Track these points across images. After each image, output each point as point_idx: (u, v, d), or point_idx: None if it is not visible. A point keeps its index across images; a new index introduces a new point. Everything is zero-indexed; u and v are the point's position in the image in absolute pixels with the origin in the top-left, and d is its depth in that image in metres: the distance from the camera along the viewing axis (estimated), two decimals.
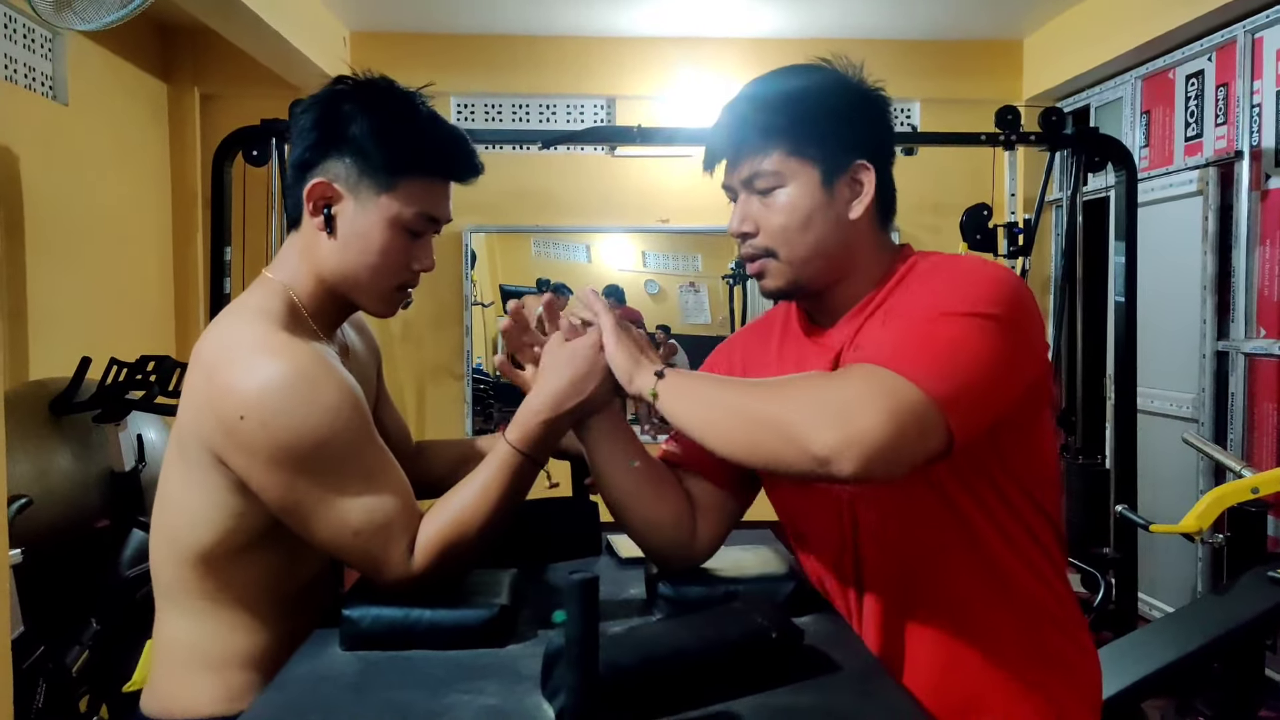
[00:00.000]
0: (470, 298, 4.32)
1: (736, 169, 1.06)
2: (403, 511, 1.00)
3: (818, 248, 1.03)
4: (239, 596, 1.02)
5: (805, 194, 1.02)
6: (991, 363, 0.90)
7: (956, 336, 0.90)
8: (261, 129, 2.95)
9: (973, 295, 0.93)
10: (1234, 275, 3.15)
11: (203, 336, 1.02)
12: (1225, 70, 3.22)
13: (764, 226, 1.04)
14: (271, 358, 0.95)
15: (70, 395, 2.37)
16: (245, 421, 0.93)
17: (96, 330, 3.16)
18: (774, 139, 1.02)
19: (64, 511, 2.28)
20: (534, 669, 0.90)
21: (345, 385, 0.98)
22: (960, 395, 0.87)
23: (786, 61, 1.11)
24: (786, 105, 1.03)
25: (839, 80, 1.06)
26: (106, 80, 3.40)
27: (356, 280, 1.06)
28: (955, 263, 1.03)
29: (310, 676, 0.92)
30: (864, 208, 1.04)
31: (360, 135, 1.03)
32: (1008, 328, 0.92)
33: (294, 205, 1.07)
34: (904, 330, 0.93)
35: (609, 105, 4.23)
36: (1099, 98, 3.98)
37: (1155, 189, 3.51)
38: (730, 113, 1.07)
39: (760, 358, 1.18)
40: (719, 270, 4.96)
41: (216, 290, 2.98)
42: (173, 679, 1.04)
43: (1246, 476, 2.37)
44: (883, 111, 1.08)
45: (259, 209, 3.25)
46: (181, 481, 1.02)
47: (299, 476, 0.95)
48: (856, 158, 1.03)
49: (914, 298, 0.99)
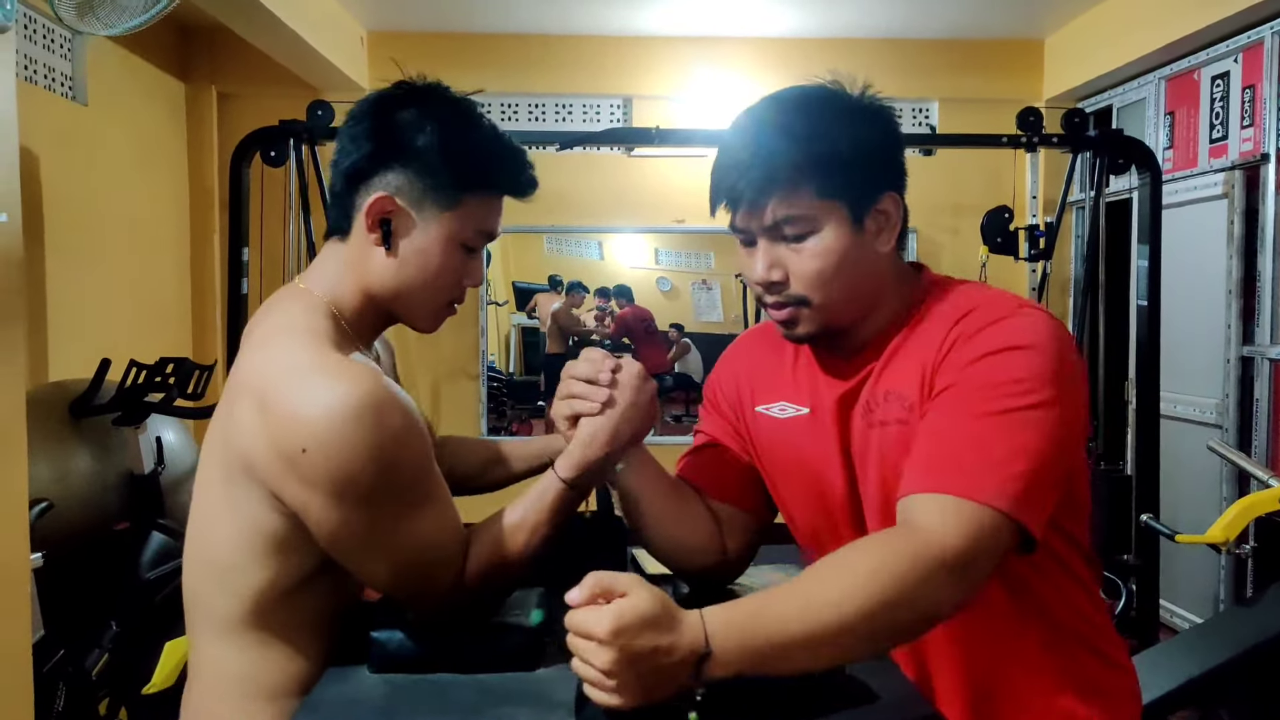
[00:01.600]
0: (485, 297, 4.32)
1: (757, 213, 0.97)
2: (455, 540, 0.98)
3: (852, 290, 0.99)
4: (290, 631, 1.00)
5: (838, 237, 0.96)
6: (1052, 451, 0.88)
7: (1014, 438, 0.87)
8: (280, 129, 2.94)
9: (1019, 375, 0.89)
10: (1259, 279, 3.11)
11: (241, 363, 0.98)
12: (1252, 72, 3.18)
13: (796, 274, 0.97)
14: (333, 383, 0.90)
15: (90, 397, 2.37)
16: (309, 454, 0.88)
17: (114, 331, 3.17)
18: (803, 180, 0.95)
19: (84, 514, 2.29)
20: (566, 695, 0.89)
21: (407, 408, 0.94)
22: (1029, 496, 0.86)
23: (805, 62, 1.08)
24: (812, 142, 0.95)
25: (858, 107, 1.00)
26: (125, 80, 3.40)
27: (410, 298, 1.03)
28: (987, 316, 0.95)
29: (340, 700, 0.91)
30: (893, 239, 1.00)
31: (427, 149, 0.98)
32: (1060, 404, 0.89)
33: (343, 215, 1.03)
34: (954, 435, 0.89)
35: (625, 105, 4.21)
36: (1121, 98, 3.94)
37: (1179, 191, 3.47)
38: (746, 150, 0.97)
39: (772, 380, 1.12)
40: (732, 268, 4.94)
41: (234, 291, 2.98)
42: (220, 705, 1.01)
43: (1274, 486, 2.34)
44: (899, 132, 1.03)
45: (277, 210, 3.24)
46: (228, 518, 0.97)
47: (358, 509, 0.91)
48: (884, 190, 0.99)
49: (951, 371, 0.93)
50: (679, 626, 0.78)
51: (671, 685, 0.78)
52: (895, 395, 0.98)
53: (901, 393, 0.97)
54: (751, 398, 1.12)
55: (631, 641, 0.76)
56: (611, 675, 0.76)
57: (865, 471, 1.01)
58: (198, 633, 1.03)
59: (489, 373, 4.38)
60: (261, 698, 1.00)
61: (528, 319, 4.87)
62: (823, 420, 1.04)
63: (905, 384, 0.97)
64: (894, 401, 0.98)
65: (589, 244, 4.77)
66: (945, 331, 0.96)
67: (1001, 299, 0.98)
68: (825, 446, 1.03)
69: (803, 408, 1.06)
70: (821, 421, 1.04)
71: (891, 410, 0.98)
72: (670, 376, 4.83)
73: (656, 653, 0.76)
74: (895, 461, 0.96)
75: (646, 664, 0.76)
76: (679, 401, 4.93)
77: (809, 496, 1.06)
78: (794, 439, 1.07)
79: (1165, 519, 2.80)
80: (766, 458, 1.11)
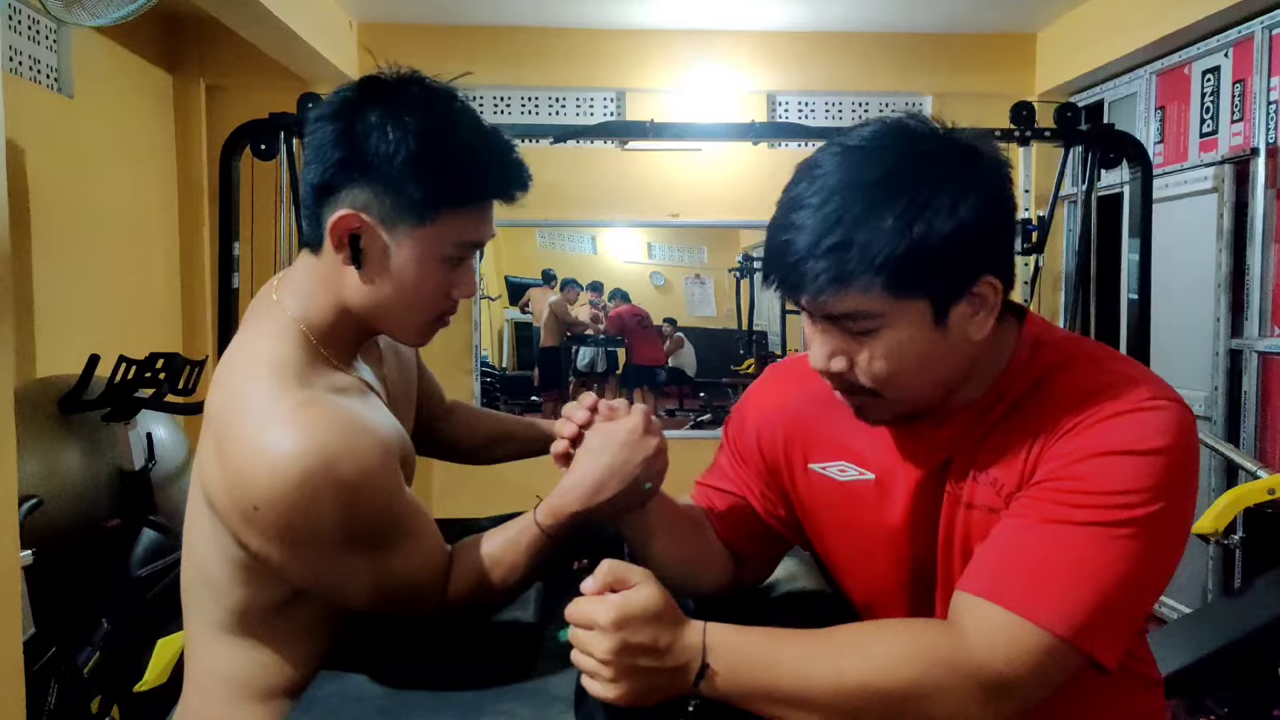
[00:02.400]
0: (479, 292, 4.30)
1: (817, 303, 0.81)
2: (433, 568, 0.95)
3: (932, 381, 0.85)
4: (282, 637, 0.99)
5: (915, 336, 0.81)
6: (1139, 575, 0.77)
7: (1096, 556, 0.75)
8: (270, 122, 2.92)
9: (1126, 486, 0.77)
10: (1248, 273, 3.12)
11: (212, 389, 0.94)
12: (1242, 66, 3.19)
13: (862, 368, 0.83)
14: (283, 434, 0.85)
15: (79, 393, 2.35)
16: (260, 512, 0.85)
17: (103, 327, 3.14)
18: (873, 282, 0.78)
19: (74, 511, 2.27)
20: (565, 689, 0.89)
21: (368, 450, 0.87)
22: (1099, 623, 0.75)
23: (799, 55, 0.95)
24: (894, 230, 0.77)
25: (957, 167, 0.80)
26: (111, 72, 3.37)
27: (390, 316, 0.96)
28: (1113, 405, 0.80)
29: (337, 697, 0.90)
30: (989, 324, 0.84)
31: (393, 163, 0.89)
32: (1166, 523, 0.77)
33: (313, 228, 0.95)
34: (1029, 540, 0.78)
35: (619, 98, 4.20)
36: (1113, 93, 3.94)
37: (1169, 185, 3.48)
38: (812, 227, 0.79)
39: (823, 430, 0.99)
40: (725, 263, 4.94)
41: (225, 286, 2.96)
42: (215, 705, 1.01)
43: (1263, 477, 2.35)
44: (1004, 195, 0.83)
45: (267, 203, 3.22)
46: (210, 542, 0.96)
47: (323, 557, 0.88)
48: (978, 275, 0.81)
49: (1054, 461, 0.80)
50: (681, 630, 0.77)
51: (665, 688, 0.77)
52: (989, 479, 0.86)
53: (998, 478, 0.86)
54: (803, 455, 1.01)
55: (632, 634, 0.75)
56: (608, 665, 0.75)
57: (950, 551, 0.90)
58: (193, 632, 1.03)
59: (483, 368, 4.37)
60: (255, 698, 0.99)
61: (521, 314, 4.86)
62: (893, 491, 0.93)
63: (1005, 469, 0.85)
64: (987, 485, 0.86)
65: (582, 238, 4.76)
66: (1062, 413, 0.82)
67: (1135, 382, 0.83)
68: (894, 517, 0.93)
69: (867, 472, 0.95)
70: (890, 492, 0.93)
71: (984, 495, 0.87)
72: (664, 371, 4.83)
73: (654, 650, 0.76)
74: None
75: (643, 659, 0.75)
76: (672, 396, 4.93)
77: (868, 563, 0.97)
78: (852, 505, 0.96)
79: None
80: (818, 520, 1.02)
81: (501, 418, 1.46)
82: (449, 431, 1.38)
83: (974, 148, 0.83)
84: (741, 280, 4.90)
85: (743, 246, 4.93)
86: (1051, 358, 0.88)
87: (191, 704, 1.03)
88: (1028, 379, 0.87)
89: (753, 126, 3.14)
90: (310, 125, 0.95)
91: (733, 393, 4.97)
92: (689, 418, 4.82)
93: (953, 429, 0.89)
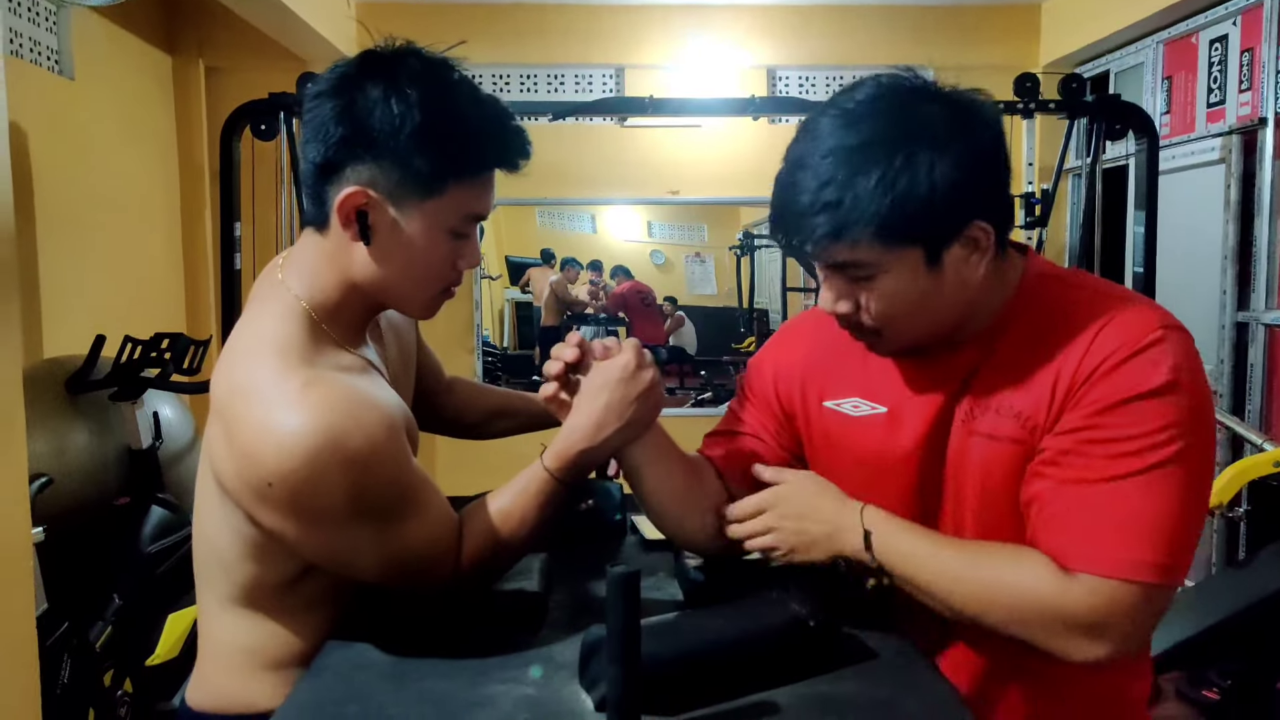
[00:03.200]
0: (480, 271, 4.30)
1: (814, 253, 0.90)
2: (444, 537, 0.96)
3: (932, 320, 0.92)
4: (292, 611, 1.00)
5: (910, 280, 0.88)
6: (1196, 501, 0.86)
7: (1162, 500, 0.84)
8: (270, 102, 2.91)
9: (1160, 424, 0.84)
10: (1255, 245, 3.11)
11: (217, 372, 0.94)
12: (1251, 35, 3.16)
13: (866, 308, 0.91)
14: (292, 413, 0.86)
15: (86, 374, 2.37)
16: (273, 489, 0.86)
17: (108, 307, 3.15)
18: (867, 234, 0.86)
19: (83, 489, 2.29)
20: (569, 657, 0.90)
21: (376, 425, 0.89)
22: (1180, 556, 0.85)
23: (799, 30, 0.99)
24: (884, 185, 0.84)
25: (948, 120, 0.86)
26: (111, 54, 3.36)
27: (398, 290, 0.97)
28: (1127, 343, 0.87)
29: (346, 665, 0.91)
30: (984, 263, 0.90)
31: (398, 136, 0.88)
32: (1201, 447, 0.86)
33: (316, 207, 0.95)
34: (1103, 502, 0.85)
35: (618, 75, 4.17)
36: (1119, 63, 3.91)
37: (1176, 157, 3.46)
38: (810, 185, 0.87)
39: (837, 371, 1.05)
40: (726, 240, 4.92)
41: (227, 266, 2.96)
42: (227, 675, 1.02)
43: (1268, 450, 2.36)
44: (996, 142, 0.89)
45: (268, 183, 3.22)
46: (221, 520, 0.96)
47: (336, 531, 0.89)
48: (969, 221, 0.88)
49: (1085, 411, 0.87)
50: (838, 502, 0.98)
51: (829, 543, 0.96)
52: (1009, 410, 0.91)
53: (1018, 409, 0.91)
54: (819, 393, 1.07)
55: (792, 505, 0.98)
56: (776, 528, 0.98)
57: (960, 480, 0.96)
58: (206, 605, 1.04)
59: (484, 347, 4.38)
60: (267, 668, 1.01)
61: (521, 293, 4.86)
62: (904, 422, 0.98)
63: (1024, 399, 0.91)
64: (1007, 416, 0.92)
65: (582, 217, 4.74)
66: (1079, 352, 0.88)
67: (1139, 317, 0.89)
68: (901, 448, 0.99)
69: (879, 406, 1.01)
70: (902, 423, 0.99)
71: (1003, 425, 0.92)
72: (665, 350, 4.83)
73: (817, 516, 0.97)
74: (1002, 478, 0.92)
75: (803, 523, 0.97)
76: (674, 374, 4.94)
77: (877, 495, 1.00)
78: (864, 438, 1.02)
79: None
80: (828, 455, 1.07)
81: (501, 392, 1.47)
82: (450, 407, 1.39)
83: (963, 103, 0.89)
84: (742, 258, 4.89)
85: (743, 224, 4.91)
86: (1056, 289, 0.94)
87: (205, 673, 1.05)
88: (1035, 309, 0.93)
89: (752, 101, 3.13)
90: (309, 103, 0.93)
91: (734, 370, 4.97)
92: (690, 396, 4.82)
93: (961, 358, 0.95)
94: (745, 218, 4.88)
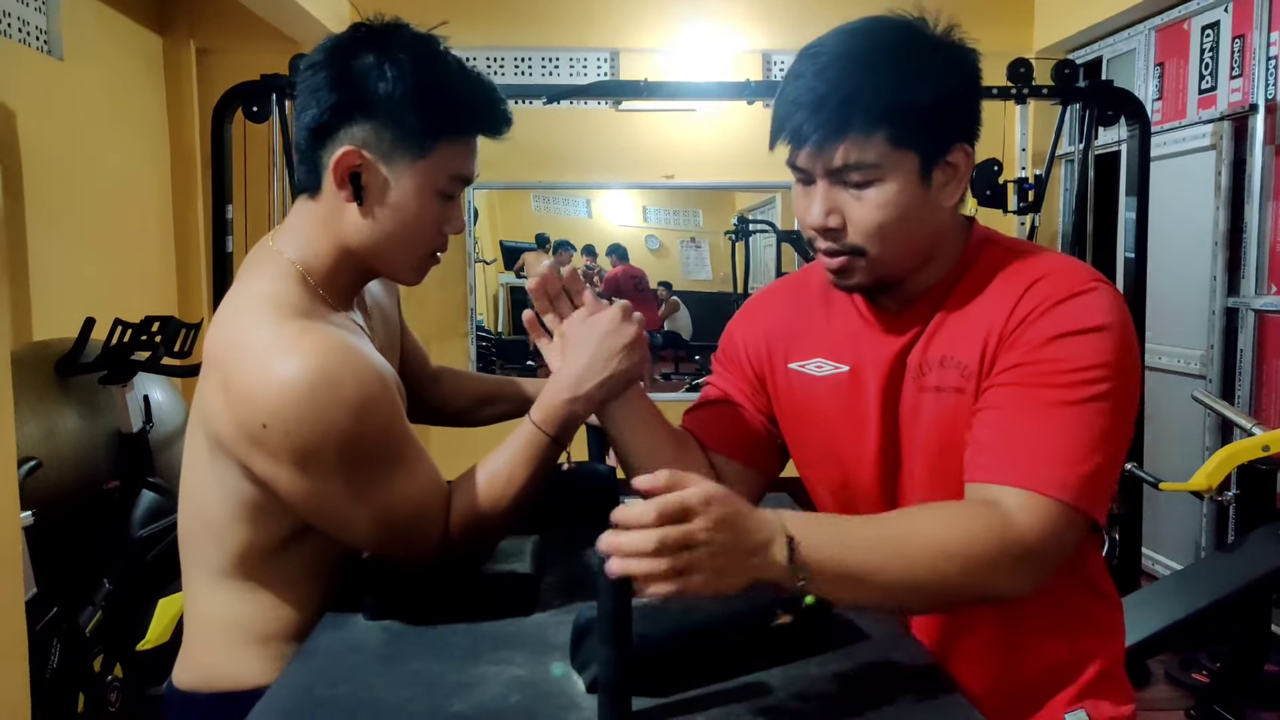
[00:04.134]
0: (473, 255, 4.29)
1: (822, 155, 0.90)
2: (434, 498, 0.97)
3: (910, 244, 0.94)
4: (281, 580, 1.00)
5: (904, 188, 0.90)
6: (1119, 440, 0.89)
7: (1089, 431, 0.87)
8: (261, 84, 2.89)
9: (1092, 361, 0.88)
10: (1246, 231, 3.11)
11: (212, 331, 0.96)
12: (1242, 21, 3.16)
13: (854, 223, 0.92)
14: (288, 357, 0.88)
15: (75, 356, 2.35)
16: (268, 430, 0.88)
17: (98, 290, 3.13)
18: (878, 126, 0.88)
19: (73, 473, 2.28)
20: (561, 638, 0.90)
21: (369, 373, 0.91)
22: (1101, 490, 0.87)
23: (793, 14, 1.02)
24: (893, 85, 0.88)
25: (943, 49, 0.93)
26: (101, 35, 3.33)
27: (389, 252, 0.99)
28: (1058, 290, 0.91)
29: (337, 646, 0.92)
30: (959, 193, 0.95)
31: (392, 97, 0.93)
32: (1126, 390, 0.89)
33: (310, 172, 0.98)
34: (1031, 426, 0.87)
35: (613, 58, 4.16)
36: (1111, 49, 3.91)
37: (1167, 143, 3.46)
38: (819, 85, 0.89)
39: (802, 333, 1.08)
40: (721, 226, 4.92)
41: (219, 249, 2.95)
42: (214, 652, 1.02)
43: (1257, 434, 2.37)
44: (979, 81, 0.97)
45: (260, 166, 3.20)
46: (212, 482, 0.97)
47: (328, 479, 0.90)
48: (956, 141, 0.93)
49: (1020, 349, 0.90)
50: (756, 511, 0.78)
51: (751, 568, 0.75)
52: (952, 361, 0.95)
53: (959, 360, 0.94)
54: (784, 354, 1.09)
55: (721, 508, 0.74)
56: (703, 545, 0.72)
57: (912, 434, 0.99)
58: (192, 581, 1.04)
59: (479, 331, 4.37)
60: (254, 642, 1.01)
61: (516, 278, 4.85)
62: (865, 379, 1.01)
63: (964, 350, 0.94)
64: (950, 368, 0.95)
65: (577, 202, 4.73)
66: (1012, 301, 0.92)
67: (1071, 270, 0.94)
68: (864, 406, 1.01)
69: (842, 365, 1.03)
70: (863, 381, 1.01)
71: (948, 376, 0.95)
72: (660, 335, 4.83)
73: (743, 525, 0.75)
74: (949, 429, 0.94)
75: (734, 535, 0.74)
76: (668, 360, 4.94)
77: (838, 455, 1.04)
78: (829, 397, 1.04)
79: (1149, 468, 2.83)
80: (794, 415, 1.09)
81: (487, 379, 1.47)
82: (436, 395, 1.39)
83: (951, 38, 0.95)
84: (737, 243, 4.88)
85: (738, 209, 4.91)
86: (996, 252, 0.99)
87: (191, 652, 1.05)
88: (977, 268, 0.98)
89: (748, 85, 3.12)
90: (301, 74, 0.98)
91: None
92: (685, 381, 4.82)
93: (911, 314, 0.99)
94: (740, 203, 4.87)
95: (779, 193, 4.55)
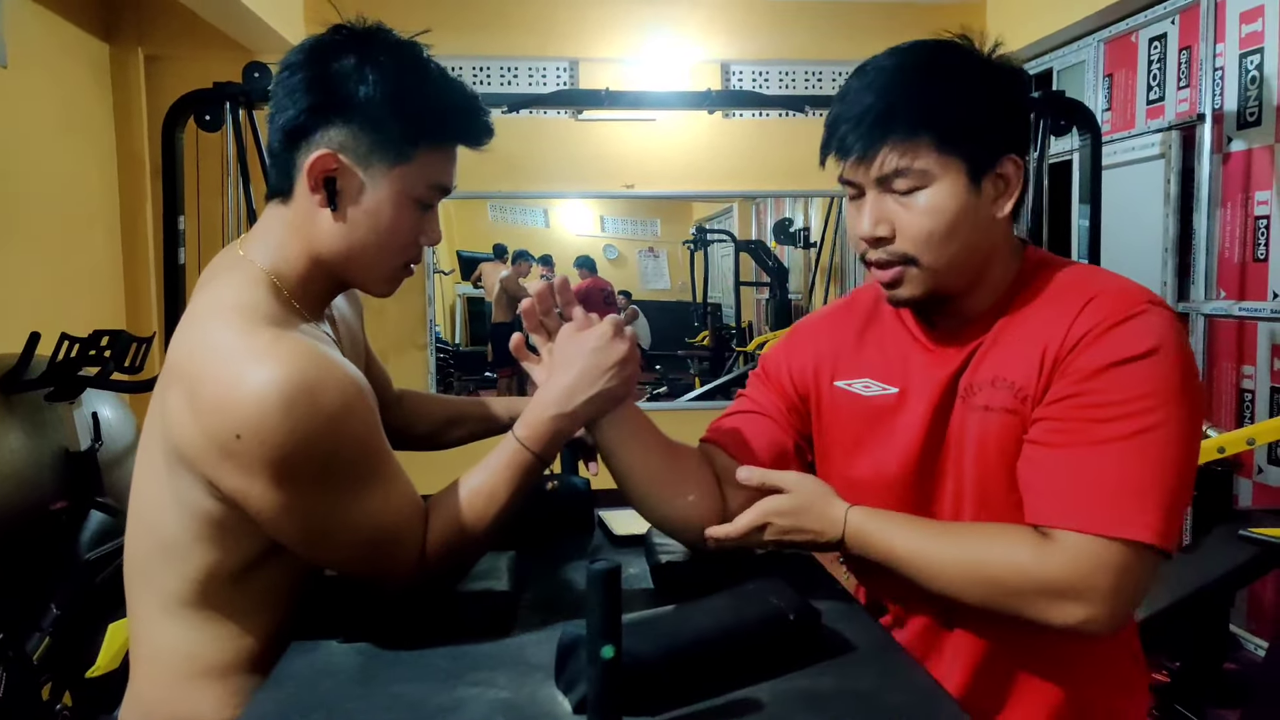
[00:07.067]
0: (432, 265, 4.23)
1: (867, 162, 0.93)
2: (411, 516, 0.93)
3: (961, 254, 0.94)
4: (242, 608, 0.95)
5: (953, 195, 0.92)
6: (1185, 466, 0.87)
7: (1152, 464, 0.86)
8: (215, 92, 2.82)
9: (1147, 389, 0.87)
10: (1195, 237, 3.19)
11: (176, 342, 0.91)
12: (1189, 33, 3.24)
13: (903, 230, 0.93)
14: (262, 365, 0.83)
15: (20, 373, 2.26)
16: (242, 441, 0.82)
17: (43, 303, 3.03)
18: (921, 129, 0.91)
19: (18, 494, 2.19)
20: (543, 658, 0.87)
21: (346, 383, 0.87)
22: (1171, 521, 0.86)
23: (752, 24, 1.03)
24: (939, 92, 0.91)
25: (986, 64, 0.95)
26: (46, 41, 3.23)
27: (362, 261, 0.96)
28: (1113, 313, 0.90)
29: (309, 671, 0.88)
30: (1010, 205, 0.96)
31: (371, 100, 0.91)
32: (1187, 413, 0.88)
33: (283, 176, 0.95)
34: (1091, 464, 0.87)
35: (572, 68, 4.14)
36: (1061, 61, 3.99)
37: (1117, 152, 3.53)
38: (866, 96, 0.92)
39: (850, 353, 1.09)
40: (678, 235, 4.92)
41: (171, 261, 2.87)
42: (165, 687, 0.96)
43: (1212, 436, 2.41)
44: (1025, 94, 1.02)
45: (214, 176, 3.13)
46: (170, 501, 0.92)
47: (304, 493, 0.86)
48: (1006, 152, 0.94)
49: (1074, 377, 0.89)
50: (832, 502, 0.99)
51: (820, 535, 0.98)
52: (1004, 382, 0.94)
53: (1011, 380, 0.94)
54: (831, 373, 1.09)
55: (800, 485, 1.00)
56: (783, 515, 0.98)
57: (959, 455, 0.98)
58: (141, 611, 0.98)
59: (437, 344, 4.31)
60: (210, 675, 0.95)
61: (473, 289, 4.80)
62: (913, 402, 1.01)
63: (1017, 371, 0.93)
64: (1001, 388, 0.94)
65: (534, 211, 4.70)
66: (1068, 321, 0.92)
67: (1125, 291, 0.93)
68: (908, 428, 1.00)
69: (890, 387, 1.03)
70: (911, 403, 1.01)
71: (998, 397, 0.94)
72: None
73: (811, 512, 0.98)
74: (996, 449, 0.94)
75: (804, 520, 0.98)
76: None
77: (879, 476, 1.03)
78: (875, 418, 1.04)
79: None
80: (836, 433, 1.09)
81: (452, 400, 1.44)
82: (400, 419, 1.35)
83: (996, 57, 0.97)
84: (695, 253, 4.89)
85: (695, 219, 4.92)
86: (1052, 272, 0.98)
87: (139, 688, 0.98)
88: (1031, 290, 0.97)
89: (709, 95, 3.12)
90: (278, 76, 0.95)
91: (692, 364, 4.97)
92: (645, 391, 4.81)
93: (965, 336, 0.99)
94: (698, 212, 4.88)
95: (736, 202, 4.56)
